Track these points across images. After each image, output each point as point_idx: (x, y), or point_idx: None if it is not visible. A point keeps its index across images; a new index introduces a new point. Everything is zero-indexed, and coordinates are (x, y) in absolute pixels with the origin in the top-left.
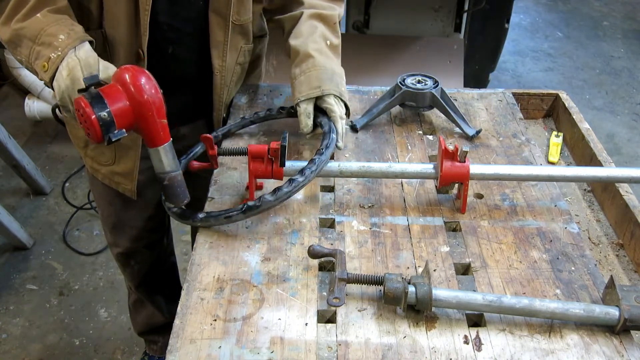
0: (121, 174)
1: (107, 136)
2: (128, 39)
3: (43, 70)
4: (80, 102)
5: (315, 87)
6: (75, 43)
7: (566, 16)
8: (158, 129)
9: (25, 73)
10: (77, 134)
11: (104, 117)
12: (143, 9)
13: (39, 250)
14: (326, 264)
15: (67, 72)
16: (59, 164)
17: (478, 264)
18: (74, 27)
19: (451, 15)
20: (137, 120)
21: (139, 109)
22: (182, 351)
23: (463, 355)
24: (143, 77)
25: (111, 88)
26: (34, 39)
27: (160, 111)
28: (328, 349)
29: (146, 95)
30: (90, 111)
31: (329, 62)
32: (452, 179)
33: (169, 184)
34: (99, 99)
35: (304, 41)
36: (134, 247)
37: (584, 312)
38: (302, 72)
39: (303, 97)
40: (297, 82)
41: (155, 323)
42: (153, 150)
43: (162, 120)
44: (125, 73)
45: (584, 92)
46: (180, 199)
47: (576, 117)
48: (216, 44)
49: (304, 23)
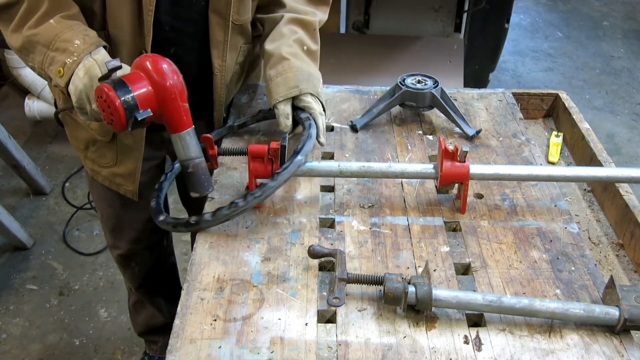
0: (122, 176)
1: (132, 119)
2: (131, 40)
3: (58, 75)
4: (103, 89)
5: (293, 87)
6: (91, 48)
7: (566, 16)
8: (181, 114)
9: (25, 73)
10: (78, 137)
11: (128, 101)
12: (147, 10)
13: (39, 250)
14: (326, 264)
15: (84, 71)
16: (59, 164)
17: (478, 264)
18: (88, 33)
19: (451, 15)
20: (161, 105)
21: (162, 94)
22: (182, 351)
23: (463, 355)
24: (164, 63)
25: (133, 75)
26: (48, 45)
27: (182, 95)
28: (328, 349)
29: (169, 80)
30: (114, 95)
31: (304, 65)
32: (452, 179)
33: (193, 171)
34: (122, 84)
35: (279, 45)
36: (135, 249)
37: (584, 312)
38: (279, 73)
39: (281, 98)
40: (274, 83)
41: (156, 324)
42: (176, 137)
43: (185, 105)
44: (146, 60)
45: (584, 92)
46: (205, 187)
47: (576, 117)
48: (216, 44)
49: (283, 27)
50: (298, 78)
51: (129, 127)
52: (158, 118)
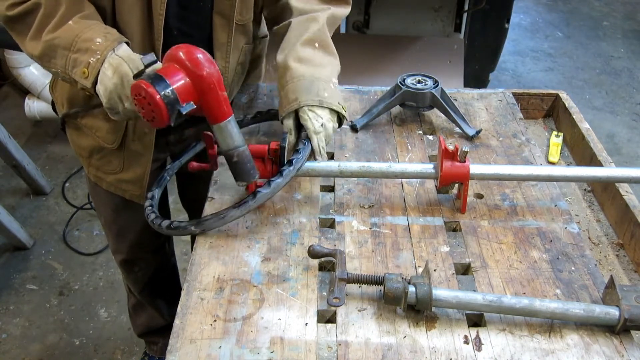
0: (129, 181)
1: (174, 113)
2: (142, 45)
3: (83, 77)
4: (141, 85)
5: (293, 100)
6: (113, 45)
7: (566, 16)
8: (221, 102)
9: (25, 73)
10: (81, 144)
11: (168, 95)
12: (157, 14)
13: (39, 250)
14: (326, 264)
15: (113, 70)
16: (59, 164)
17: (478, 264)
18: (108, 30)
19: (451, 15)
20: (200, 96)
21: (200, 84)
22: (182, 351)
23: (463, 355)
24: (198, 52)
25: (168, 68)
26: (69, 47)
27: (220, 83)
28: (328, 349)
29: (205, 69)
30: (153, 91)
31: (308, 70)
32: (452, 179)
33: (238, 160)
34: (159, 78)
35: (286, 55)
36: (138, 253)
37: (584, 312)
38: (282, 86)
39: (284, 113)
40: (280, 97)
41: (156, 325)
42: (219, 127)
43: (224, 93)
44: (179, 51)
45: (584, 92)
46: (252, 174)
47: (576, 117)
48: (219, 46)
49: (289, 33)
50: (297, 89)
51: (172, 122)
52: (199, 110)
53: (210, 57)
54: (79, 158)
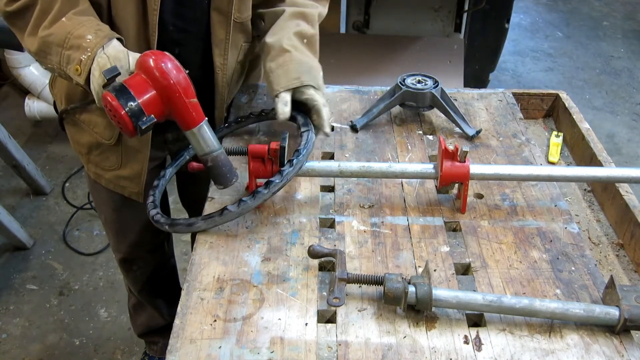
0: (127, 178)
1: (138, 126)
2: (137, 41)
3: (77, 74)
4: (107, 98)
5: (294, 78)
6: (103, 41)
7: (566, 16)
8: (189, 110)
9: (25, 73)
10: (80, 141)
11: (133, 108)
12: (151, 10)
13: (39, 250)
14: (326, 264)
15: (99, 71)
16: (59, 164)
17: (478, 264)
18: (100, 26)
19: (451, 15)
20: (167, 105)
21: (167, 93)
22: (182, 351)
23: (463, 355)
24: (166, 61)
25: (134, 78)
26: (62, 44)
27: (187, 92)
28: (328, 349)
29: (172, 78)
30: (117, 105)
31: (305, 58)
32: (452, 179)
33: (213, 164)
34: (124, 91)
35: (280, 38)
36: (137, 252)
37: (584, 312)
38: (279, 65)
39: (282, 89)
40: (274, 75)
41: (155, 325)
42: (190, 133)
43: (192, 100)
44: (148, 59)
45: (584, 92)
46: (228, 178)
47: (576, 117)
48: (218, 42)
49: (284, 21)
50: (299, 70)
51: (138, 134)
52: (169, 116)
53: (179, 65)
54: (78, 155)
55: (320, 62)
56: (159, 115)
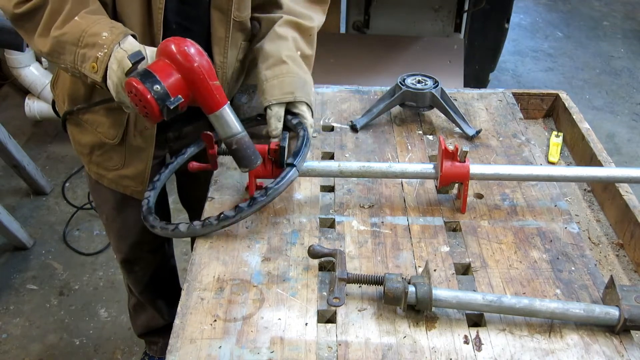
0: (130, 177)
1: (165, 108)
2: (142, 39)
3: (93, 71)
4: (132, 83)
5: (288, 92)
6: (119, 38)
7: (566, 16)
8: (213, 93)
9: (25, 73)
10: (81, 141)
11: (158, 91)
12: (156, 8)
13: (39, 250)
14: (326, 264)
15: (117, 64)
16: (59, 164)
17: (478, 264)
18: (114, 24)
19: (451, 15)
20: (191, 88)
21: (191, 76)
22: (182, 351)
23: (463, 355)
24: (188, 45)
25: (158, 63)
26: (76, 43)
27: (210, 74)
28: (328, 349)
29: (195, 61)
30: (143, 89)
31: (301, 72)
32: (452, 179)
33: (237, 147)
34: (149, 75)
35: (278, 47)
36: (138, 252)
37: (584, 312)
38: (275, 76)
39: (275, 101)
40: (269, 85)
41: (156, 325)
42: (215, 116)
43: (215, 83)
44: (170, 44)
45: (584, 92)
46: (253, 160)
47: (576, 117)
48: (217, 41)
49: (280, 28)
50: (294, 85)
51: (164, 117)
52: (192, 101)
53: (201, 48)
54: (79, 156)
55: (320, 62)
56: (185, 99)
